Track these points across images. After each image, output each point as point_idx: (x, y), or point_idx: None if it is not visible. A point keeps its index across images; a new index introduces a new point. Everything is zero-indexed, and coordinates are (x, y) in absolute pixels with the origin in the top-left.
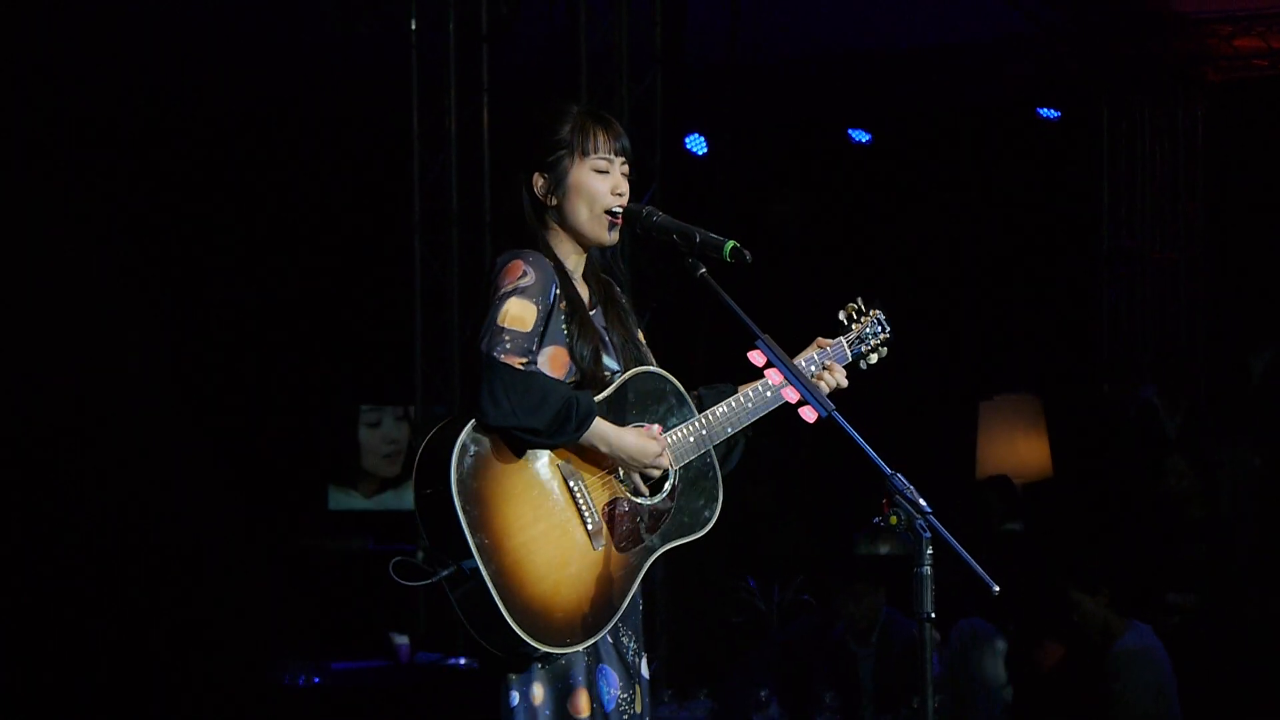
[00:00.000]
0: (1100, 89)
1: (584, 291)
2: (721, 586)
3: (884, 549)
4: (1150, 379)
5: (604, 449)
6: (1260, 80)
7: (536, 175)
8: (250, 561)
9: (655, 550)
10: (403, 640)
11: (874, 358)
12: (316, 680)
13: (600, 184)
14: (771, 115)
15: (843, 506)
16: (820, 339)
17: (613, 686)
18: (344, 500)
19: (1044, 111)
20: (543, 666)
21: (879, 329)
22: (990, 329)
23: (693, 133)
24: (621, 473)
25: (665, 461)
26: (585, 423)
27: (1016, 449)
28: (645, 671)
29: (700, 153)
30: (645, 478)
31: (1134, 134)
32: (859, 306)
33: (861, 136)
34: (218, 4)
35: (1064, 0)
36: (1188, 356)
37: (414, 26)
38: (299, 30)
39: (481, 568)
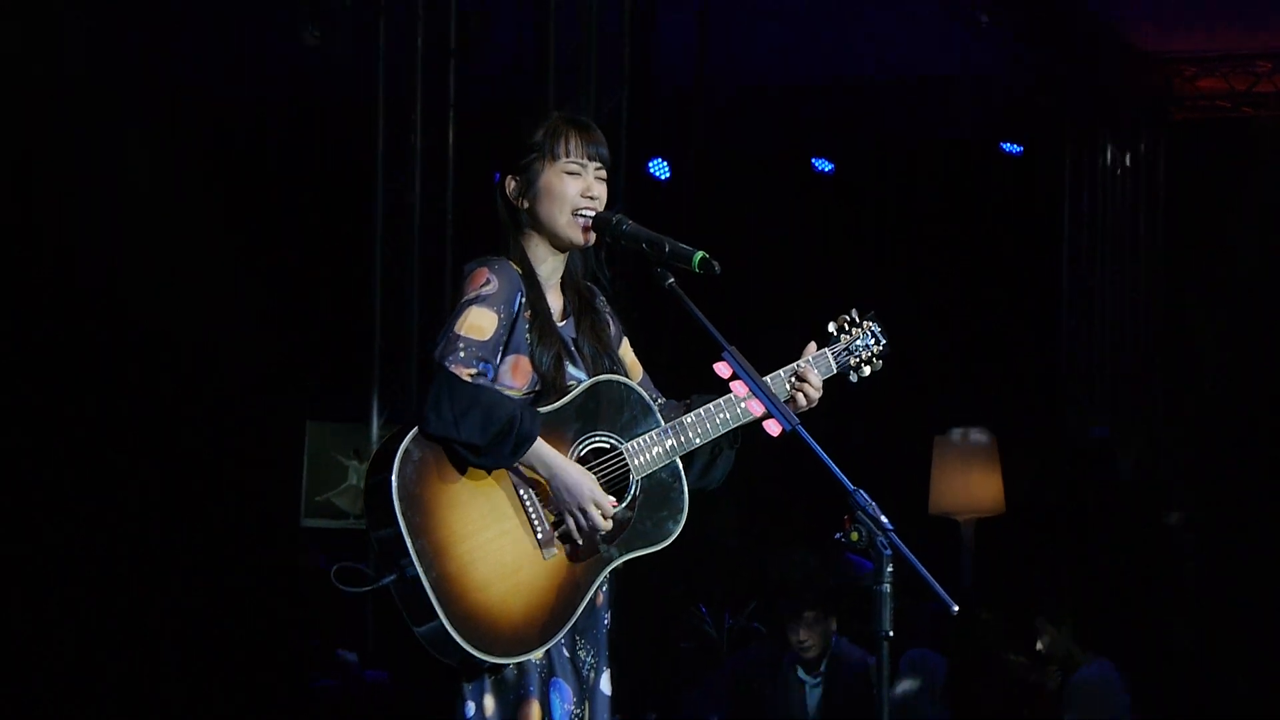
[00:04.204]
0: (1064, 125)
1: (556, 300)
2: (673, 612)
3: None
4: (1106, 418)
5: (543, 473)
6: (1222, 121)
7: (509, 178)
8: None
9: (613, 560)
10: (351, 657)
11: (866, 370)
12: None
13: (571, 186)
14: (736, 142)
15: (800, 533)
16: (811, 345)
17: (566, 700)
18: (320, 521)
19: (1007, 146)
20: (493, 676)
21: (871, 340)
22: (948, 362)
23: (656, 157)
24: None
25: (595, 516)
26: (523, 446)
27: (970, 485)
28: (606, 687)
29: (663, 177)
30: (577, 524)
31: (1096, 171)
32: (851, 318)
33: (825, 166)
34: (189, 13)
35: (1030, 36)
36: (1145, 397)
37: (382, 40)
38: (268, 41)
39: (421, 574)
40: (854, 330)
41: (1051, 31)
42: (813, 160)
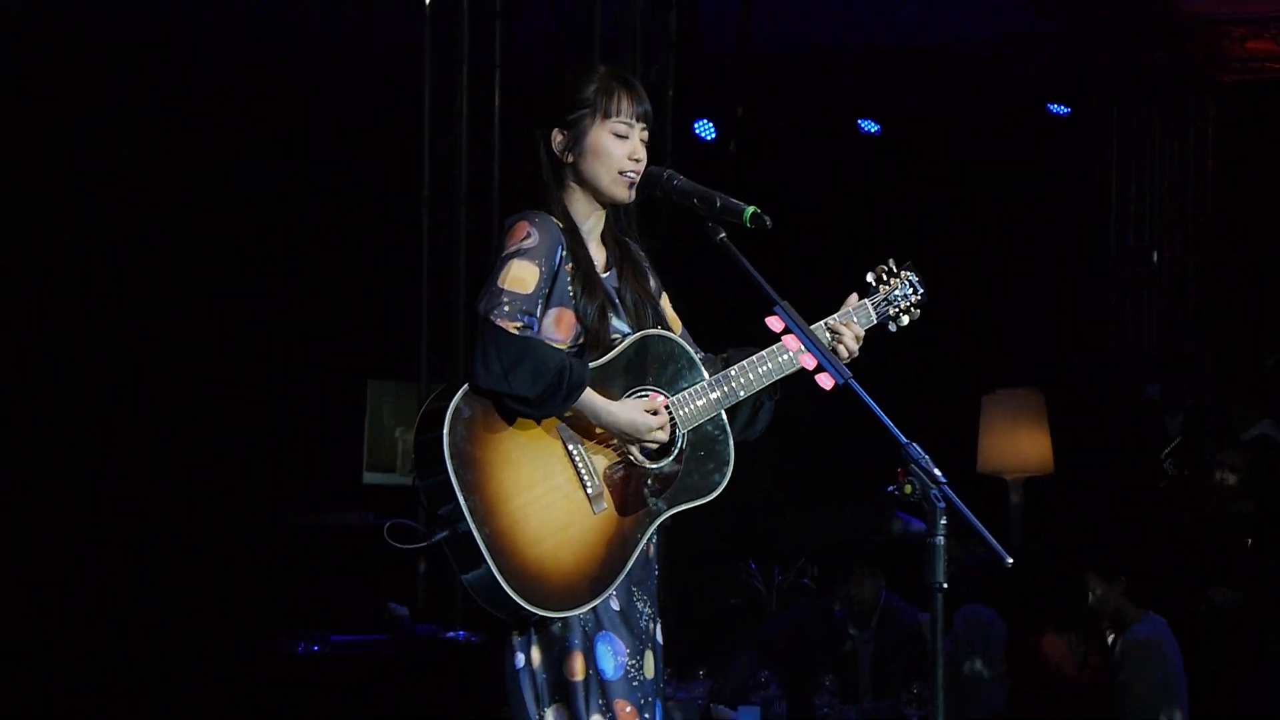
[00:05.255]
0: (1111, 88)
1: (600, 253)
2: (722, 568)
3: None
4: (1155, 378)
5: (594, 421)
6: (1271, 82)
7: (556, 131)
8: (256, 537)
9: (661, 514)
10: (402, 611)
11: (905, 319)
12: (316, 649)
13: (618, 148)
14: (782, 104)
15: (846, 489)
16: (852, 296)
17: (619, 654)
18: (382, 476)
19: (1054, 108)
20: (538, 630)
21: (909, 290)
22: (995, 323)
23: (701, 119)
24: None
25: (662, 435)
26: (575, 393)
27: (1018, 444)
28: (659, 636)
29: (708, 138)
30: (644, 450)
31: (1144, 133)
32: (889, 268)
33: (871, 128)
34: None
35: None
36: (1192, 357)
37: (428, 1)
38: (315, 3)
39: (475, 531)
40: (892, 280)
41: None
42: (859, 122)
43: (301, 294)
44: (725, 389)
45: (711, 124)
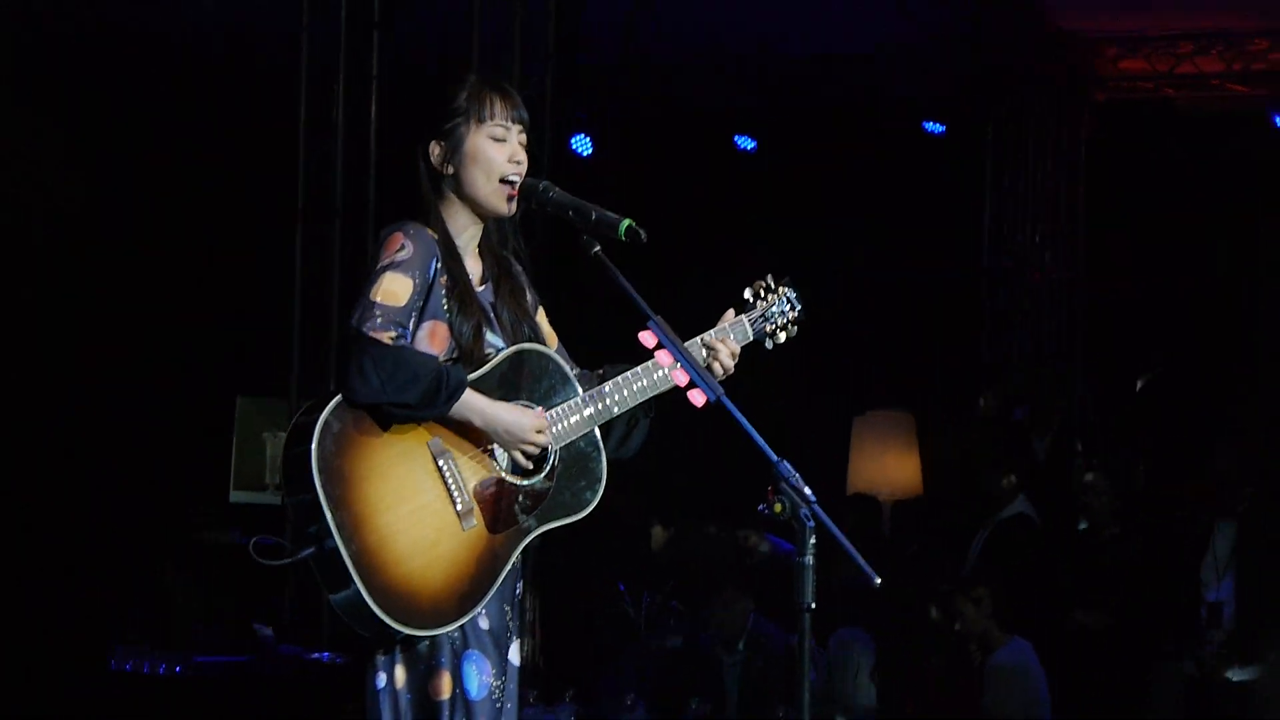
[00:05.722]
0: (987, 105)
1: (475, 266)
2: (591, 591)
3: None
4: (1025, 400)
5: (477, 421)
6: (1144, 102)
7: (434, 144)
8: (120, 553)
9: (532, 531)
10: (267, 631)
11: (782, 336)
12: (179, 670)
13: (497, 152)
14: (659, 120)
15: (712, 513)
16: (729, 312)
17: (483, 673)
18: (249, 495)
19: (929, 126)
20: (404, 649)
21: (787, 306)
22: (867, 343)
23: (579, 133)
24: (497, 451)
25: (544, 439)
26: (456, 394)
27: (887, 466)
28: (515, 657)
29: (585, 154)
30: (526, 455)
31: (1018, 152)
32: (767, 284)
33: (747, 144)
34: None
35: (955, 15)
36: (1063, 377)
37: (305, 11)
38: (187, 9)
39: (341, 548)
40: (770, 296)
41: (974, 11)
42: (735, 138)
43: (170, 307)
44: (599, 405)
45: (589, 139)
